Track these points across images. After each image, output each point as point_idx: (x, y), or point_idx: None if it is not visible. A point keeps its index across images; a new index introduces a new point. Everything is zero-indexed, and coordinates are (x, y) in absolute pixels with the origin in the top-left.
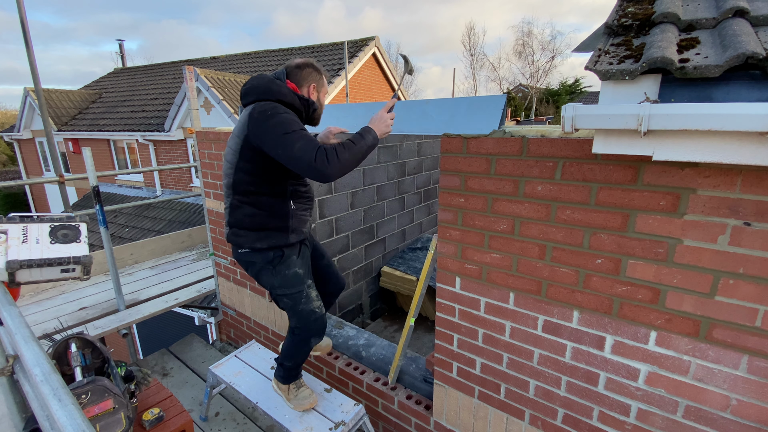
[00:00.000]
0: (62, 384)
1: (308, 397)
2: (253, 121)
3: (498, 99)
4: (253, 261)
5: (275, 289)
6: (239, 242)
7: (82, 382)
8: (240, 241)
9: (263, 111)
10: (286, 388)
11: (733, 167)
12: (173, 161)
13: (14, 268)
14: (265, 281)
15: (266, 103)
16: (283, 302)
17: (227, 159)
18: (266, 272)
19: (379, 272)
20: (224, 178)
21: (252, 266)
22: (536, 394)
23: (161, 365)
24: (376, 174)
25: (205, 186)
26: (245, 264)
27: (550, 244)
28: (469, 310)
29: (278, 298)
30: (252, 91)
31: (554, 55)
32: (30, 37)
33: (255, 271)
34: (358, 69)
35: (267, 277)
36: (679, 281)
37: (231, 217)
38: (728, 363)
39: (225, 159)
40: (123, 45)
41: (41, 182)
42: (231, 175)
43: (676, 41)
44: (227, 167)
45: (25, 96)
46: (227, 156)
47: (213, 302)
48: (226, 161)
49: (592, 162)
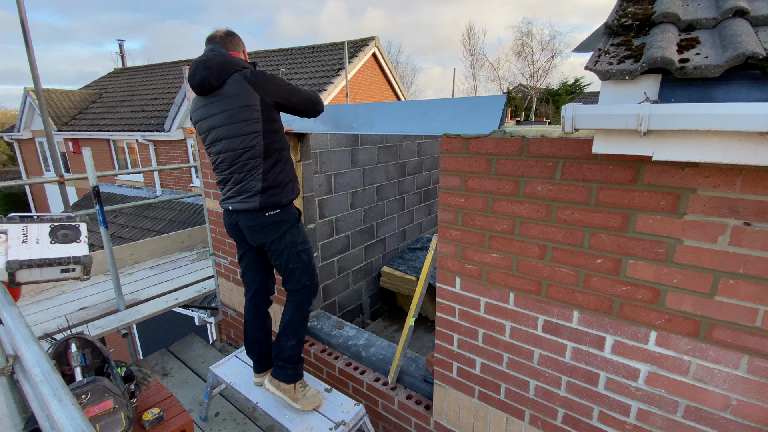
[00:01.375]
0: (62, 384)
1: (316, 395)
2: (257, 85)
3: (498, 99)
4: (284, 219)
5: (298, 245)
6: (276, 201)
7: (82, 382)
8: (276, 200)
9: (256, 74)
10: (292, 387)
11: (733, 167)
12: (173, 161)
13: (14, 268)
14: (289, 240)
15: (253, 71)
16: (301, 259)
17: (240, 133)
18: (293, 229)
19: (379, 272)
20: (241, 154)
21: (281, 225)
22: (536, 394)
23: (161, 365)
24: (376, 174)
25: (205, 186)
26: (273, 226)
27: (550, 244)
28: (469, 310)
29: (298, 256)
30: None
31: (554, 55)
32: (30, 37)
33: (282, 231)
34: (358, 69)
35: (293, 234)
36: (679, 281)
37: (266, 180)
38: (728, 363)
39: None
40: (123, 45)
41: (41, 182)
42: (258, 143)
43: (676, 41)
44: (245, 141)
45: (25, 96)
46: (240, 130)
47: (213, 302)
48: (238, 136)
49: (592, 162)
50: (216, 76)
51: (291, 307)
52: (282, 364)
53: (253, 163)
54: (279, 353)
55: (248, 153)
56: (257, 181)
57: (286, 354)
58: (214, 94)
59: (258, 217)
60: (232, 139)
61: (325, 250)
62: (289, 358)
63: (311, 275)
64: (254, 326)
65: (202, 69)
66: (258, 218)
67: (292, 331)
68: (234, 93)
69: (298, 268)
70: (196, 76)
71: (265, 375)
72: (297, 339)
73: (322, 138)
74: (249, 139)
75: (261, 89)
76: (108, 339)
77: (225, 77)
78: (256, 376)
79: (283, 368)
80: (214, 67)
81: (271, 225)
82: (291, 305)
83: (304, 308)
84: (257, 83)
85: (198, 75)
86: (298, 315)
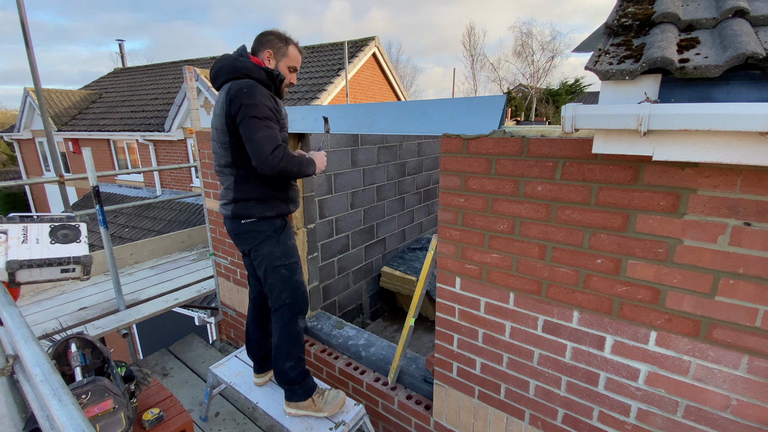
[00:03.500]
0: (62, 384)
1: (337, 396)
2: (230, 100)
3: (498, 99)
4: (259, 230)
5: (276, 259)
6: (249, 213)
7: (82, 382)
8: (249, 212)
9: (240, 89)
10: (310, 402)
11: (733, 167)
12: (173, 161)
13: (14, 268)
14: (266, 251)
15: (241, 81)
16: (279, 274)
17: (217, 140)
18: (270, 241)
19: (379, 272)
20: (220, 159)
21: (257, 235)
22: (536, 394)
23: (161, 365)
24: (376, 174)
25: (205, 186)
26: (249, 234)
27: (550, 244)
28: (469, 310)
29: (275, 270)
30: (221, 73)
31: (554, 55)
32: (30, 37)
33: (258, 241)
34: (358, 69)
35: (270, 246)
36: (679, 281)
37: (238, 192)
38: (728, 363)
39: (214, 140)
40: (123, 45)
41: (41, 182)
42: (229, 153)
43: (676, 41)
44: (220, 148)
45: (25, 96)
46: (217, 137)
47: (213, 302)
48: (217, 142)
49: (592, 162)
50: (213, 78)
51: (278, 327)
52: (289, 387)
53: (227, 171)
54: (282, 378)
55: (221, 161)
56: (230, 190)
57: (289, 377)
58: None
59: (234, 224)
60: (215, 144)
61: (325, 250)
62: (293, 379)
63: (292, 292)
64: (255, 327)
65: (214, 70)
66: (234, 225)
67: (285, 352)
68: (219, 100)
69: (276, 283)
70: (210, 76)
71: (265, 375)
72: (294, 358)
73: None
74: (219, 147)
75: (229, 105)
76: (108, 339)
77: (221, 82)
78: (256, 376)
79: (292, 391)
80: (218, 70)
81: (246, 233)
82: (278, 325)
83: (292, 328)
84: (229, 98)
85: (211, 75)
86: (287, 335)
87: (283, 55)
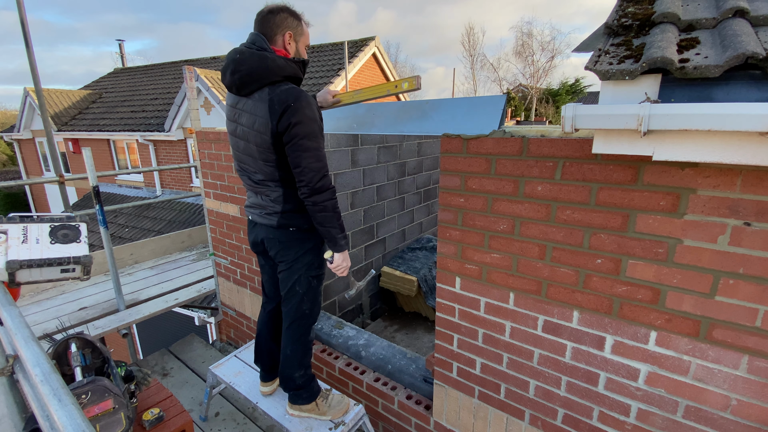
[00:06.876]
0: (62, 384)
1: (341, 400)
2: (275, 116)
3: (498, 99)
4: (307, 239)
5: (313, 269)
6: (299, 223)
7: (82, 382)
8: (300, 223)
9: (285, 104)
10: (314, 406)
11: (733, 167)
12: (173, 161)
13: (14, 268)
14: (307, 260)
15: (282, 91)
16: (309, 284)
17: (258, 156)
18: (313, 252)
19: (379, 272)
20: (260, 174)
21: (304, 243)
22: (536, 394)
23: (161, 365)
24: (376, 174)
25: (205, 186)
26: (295, 243)
27: (550, 244)
28: (469, 310)
29: (307, 280)
30: (251, 78)
31: (554, 55)
32: (30, 37)
33: (304, 250)
34: (358, 69)
35: (311, 256)
36: (679, 281)
37: (287, 203)
38: (728, 363)
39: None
40: (122, 45)
41: (41, 182)
42: (275, 170)
43: (676, 41)
44: (264, 165)
45: (25, 96)
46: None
47: (213, 302)
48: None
49: (592, 162)
50: (244, 84)
51: (293, 338)
52: (294, 392)
53: (273, 186)
54: (289, 384)
55: (267, 177)
56: (278, 203)
57: (296, 383)
58: (241, 99)
59: (279, 233)
60: (252, 159)
61: None
62: (300, 386)
63: (312, 303)
64: (268, 337)
65: (230, 73)
66: (279, 233)
67: (297, 362)
68: (255, 112)
69: (302, 293)
70: (225, 76)
71: (273, 383)
72: (305, 367)
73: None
74: (268, 165)
75: (279, 124)
76: (108, 339)
77: (253, 89)
78: (264, 384)
79: (297, 395)
80: (246, 76)
81: (293, 241)
82: (293, 336)
83: (305, 339)
84: (276, 116)
85: (227, 77)
86: (300, 346)
87: (301, 34)
